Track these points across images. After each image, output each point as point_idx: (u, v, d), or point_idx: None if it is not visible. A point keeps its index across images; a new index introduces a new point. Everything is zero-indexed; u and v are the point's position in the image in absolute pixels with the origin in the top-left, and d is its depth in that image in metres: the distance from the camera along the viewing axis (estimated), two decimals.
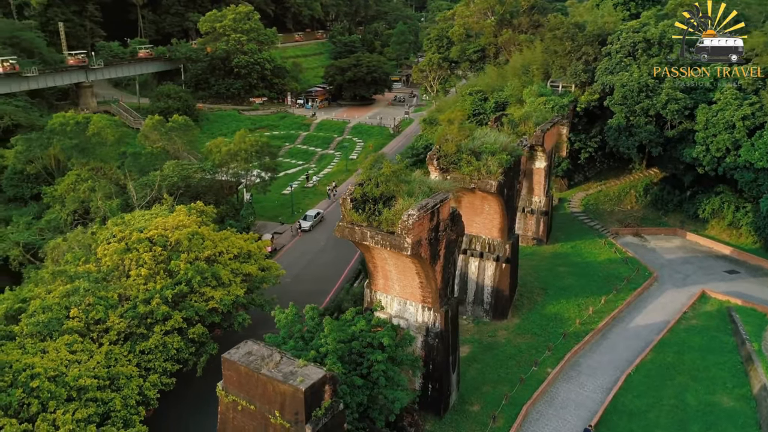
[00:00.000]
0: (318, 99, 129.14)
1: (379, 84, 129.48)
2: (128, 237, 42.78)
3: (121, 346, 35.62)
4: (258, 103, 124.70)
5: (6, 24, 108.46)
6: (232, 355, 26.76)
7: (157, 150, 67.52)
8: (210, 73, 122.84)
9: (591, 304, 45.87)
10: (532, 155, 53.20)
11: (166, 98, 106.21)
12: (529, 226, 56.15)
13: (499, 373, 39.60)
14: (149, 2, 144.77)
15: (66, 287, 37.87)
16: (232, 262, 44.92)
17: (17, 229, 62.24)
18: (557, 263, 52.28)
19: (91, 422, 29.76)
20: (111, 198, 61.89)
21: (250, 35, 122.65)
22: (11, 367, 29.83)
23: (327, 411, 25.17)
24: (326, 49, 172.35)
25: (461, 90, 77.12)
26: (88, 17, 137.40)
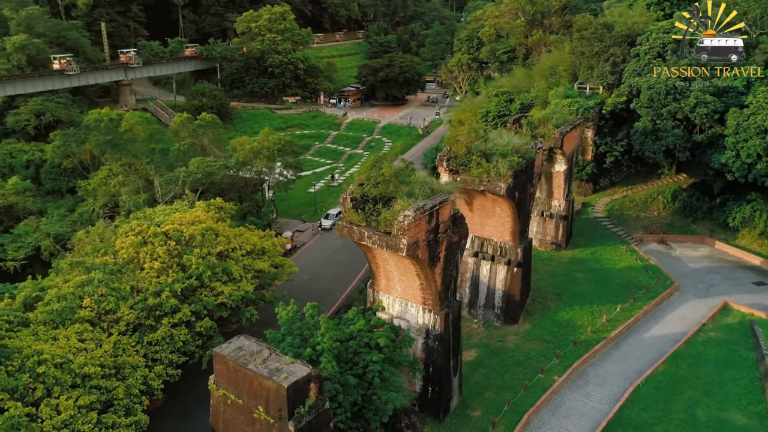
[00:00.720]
0: (350, 99, 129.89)
1: (411, 84, 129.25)
2: (145, 231, 43.98)
3: (130, 336, 36.63)
4: (291, 102, 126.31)
5: (53, 24, 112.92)
6: (223, 349, 27.25)
7: (185, 147, 69.13)
8: (245, 72, 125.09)
9: (605, 312, 44.65)
10: (552, 158, 52.17)
11: (200, 96, 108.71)
12: (548, 230, 55.05)
13: (504, 378, 38.99)
14: (190, 3, 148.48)
15: (81, 278, 39.21)
16: (245, 258, 45.61)
17: (51, 221, 64.88)
18: (574, 269, 51.08)
19: (93, 409, 30.73)
20: (139, 193, 63.90)
21: (285, 35, 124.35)
22: (21, 353, 31.07)
23: (311, 409, 25.30)
24: (362, 49, 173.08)
25: (488, 91, 76.26)
26: (132, 17, 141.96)
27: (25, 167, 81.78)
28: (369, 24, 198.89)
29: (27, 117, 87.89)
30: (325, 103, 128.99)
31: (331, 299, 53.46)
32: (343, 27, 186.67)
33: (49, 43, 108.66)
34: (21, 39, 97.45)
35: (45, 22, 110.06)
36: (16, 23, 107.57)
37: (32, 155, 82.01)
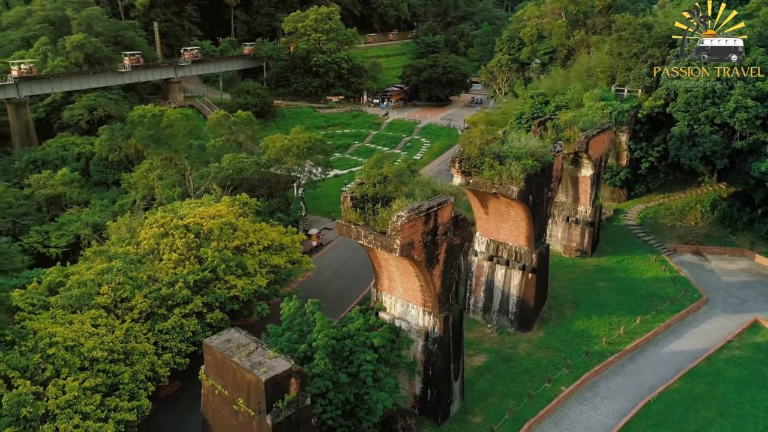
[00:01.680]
0: (393, 99, 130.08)
1: (455, 85, 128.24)
2: (168, 223, 45.51)
3: (142, 324, 38.00)
4: (334, 101, 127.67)
5: (111, 24, 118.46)
6: (212, 340, 27.94)
7: (220, 143, 71.06)
8: (290, 71, 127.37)
9: (624, 323, 42.97)
10: (578, 162, 50.64)
11: (245, 94, 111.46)
12: (574, 236, 53.44)
13: (510, 386, 38.18)
14: (242, 3, 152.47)
15: (102, 266, 41.07)
16: (262, 253, 46.42)
17: (93, 211, 68.06)
18: (597, 277, 49.40)
19: (98, 391, 32.08)
20: (174, 187, 66.21)
21: (330, 35, 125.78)
22: (35, 334, 32.83)
23: (290, 404, 25.56)
24: (410, 49, 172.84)
25: (523, 93, 74.75)
26: (187, 17, 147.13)
27: (75, 159, 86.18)
28: (419, 24, 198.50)
29: (80, 112, 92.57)
30: (368, 103, 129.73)
31: (349, 297, 53.77)
32: (393, 27, 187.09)
33: (107, 42, 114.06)
34: (79, 38, 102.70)
35: (103, 21, 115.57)
36: (78, 23, 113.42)
37: (83, 148, 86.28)
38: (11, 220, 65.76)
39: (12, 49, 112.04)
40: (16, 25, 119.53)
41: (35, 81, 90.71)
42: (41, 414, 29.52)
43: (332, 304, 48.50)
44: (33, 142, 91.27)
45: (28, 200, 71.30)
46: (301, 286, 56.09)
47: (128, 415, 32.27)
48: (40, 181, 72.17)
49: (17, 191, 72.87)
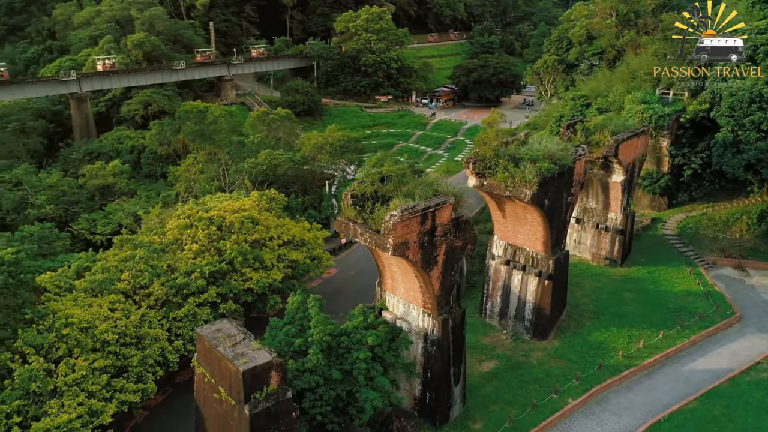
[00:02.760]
0: (442, 99, 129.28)
1: (505, 86, 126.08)
2: (194, 215, 47.13)
3: (158, 310, 39.52)
4: (383, 101, 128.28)
5: (171, 23, 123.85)
6: (203, 329, 28.70)
7: (258, 139, 72.84)
8: (340, 70, 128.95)
9: (645, 337, 40.92)
10: (608, 167, 48.66)
11: (294, 93, 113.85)
12: (603, 244, 51.37)
13: (515, 394, 37.18)
14: (298, 3, 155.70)
15: (126, 253, 43.04)
16: (281, 248, 47.27)
17: (138, 202, 71.31)
18: (623, 288, 47.27)
19: (106, 372, 33.69)
20: (213, 181, 68.51)
21: (380, 35, 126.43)
22: (54, 314, 34.77)
23: (269, 396, 25.91)
24: (464, 50, 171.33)
25: (565, 94, 72.53)
26: (245, 17, 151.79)
27: (129, 152, 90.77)
28: (476, 25, 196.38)
29: (136, 107, 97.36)
30: (416, 103, 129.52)
31: (370, 295, 53.55)
32: (448, 27, 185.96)
33: (167, 41, 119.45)
34: (139, 37, 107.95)
35: (164, 21, 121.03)
36: (141, 22, 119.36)
37: (136, 142, 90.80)
38: (63, 208, 69.90)
39: (81, 47, 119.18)
40: (86, 25, 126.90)
41: (96, 77, 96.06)
42: (50, 390, 31.28)
43: (353, 301, 48.53)
44: (92, 134, 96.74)
45: (80, 189, 75.56)
46: (324, 282, 56.96)
47: (132, 396, 33.74)
48: (92, 171, 76.31)
49: (72, 180, 77.37)
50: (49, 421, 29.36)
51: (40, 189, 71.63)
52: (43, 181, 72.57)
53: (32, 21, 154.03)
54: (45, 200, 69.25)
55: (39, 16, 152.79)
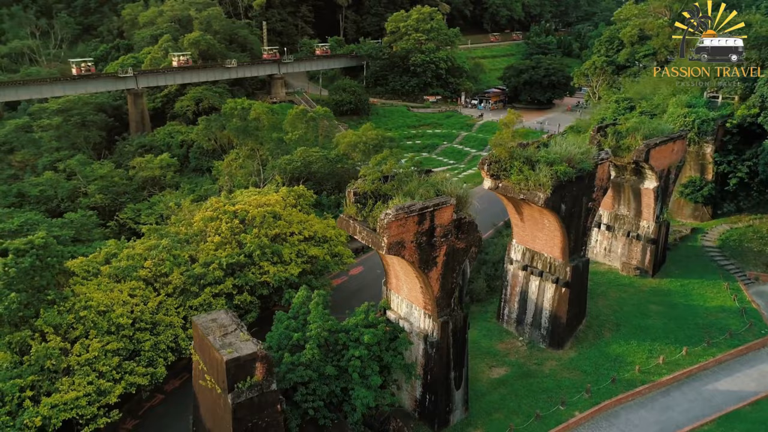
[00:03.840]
0: (491, 100, 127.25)
1: (557, 88, 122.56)
2: (220, 208, 48.51)
3: (175, 298, 40.99)
4: (431, 101, 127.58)
5: (227, 23, 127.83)
6: (200, 318, 29.54)
7: (296, 136, 74.07)
8: (389, 70, 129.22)
9: (666, 352, 38.87)
10: (640, 173, 46.52)
11: (341, 91, 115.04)
12: (634, 253, 49.12)
13: (522, 403, 36.21)
14: (353, 3, 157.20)
15: (152, 242, 44.84)
16: (302, 243, 47.93)
17: (181, 194, 74.09)
18: (651, 300, 45.03)
19: (118, 354, 35.22)
20: (251, 176, 70.32)
21: (431, 35, 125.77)
22: (76, 297, 36.66)
23: (253, 386, 26.37)
24: (520, 50, 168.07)
25: (608, 97, 69.80)
26: (301, 17, 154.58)
27: (179, 146, 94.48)
28: (534, 25, 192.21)
29: (188, 103, 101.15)
30: (465, 104, 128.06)
31: None
32: (504, 28, 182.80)
33: (223, 40, 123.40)
34: (195, 36, 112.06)
35: (221, 21, 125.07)
36: (199, 22, 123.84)
37: (186, 136, 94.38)
38: (112, 197, 73.59)
39: (143, 45, 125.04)
40: (150, 24, 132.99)
41: (151, 74, 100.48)
42: (63, 368, 33.04)
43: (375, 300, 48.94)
44: (147, 129, 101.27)
45: (130, 181, 79.33)
46: (349, 279, 57.31)
47: (141, 379, 35.12)
48: (141, 164, 79.91)
49: (122, 172, 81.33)
50: (58, 397, 31.00)
51: (92, 179, 75.72)
52: (95, 171, 76.62)
53: (104, 21, 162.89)
54: (95, 190, 73.18)
55: (110, 16, 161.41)
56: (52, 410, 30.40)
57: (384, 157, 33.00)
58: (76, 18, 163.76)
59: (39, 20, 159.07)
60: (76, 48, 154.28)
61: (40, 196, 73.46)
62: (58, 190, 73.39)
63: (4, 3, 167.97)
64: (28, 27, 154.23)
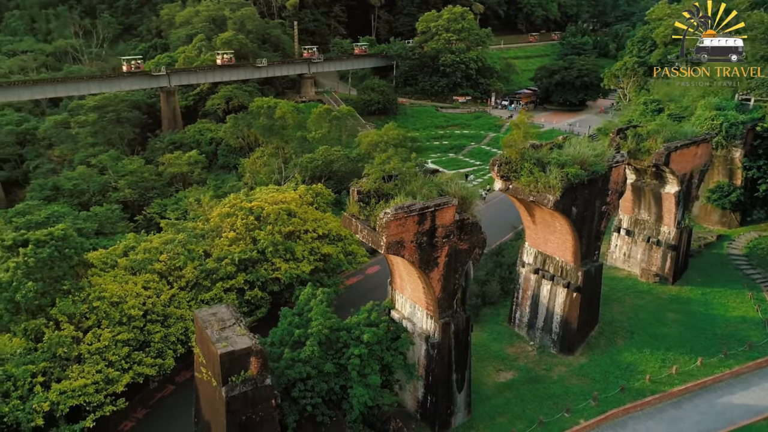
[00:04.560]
0: (522, 101, 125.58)
1: (589, 89, 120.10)
2: (238, 205, 49.29)
3: (187, 292, 41.82)
4: (460, 101, 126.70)
5: (260, 23, 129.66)
6: (201, 312, 30.06)
7: (319, 135, 74.63)
8: (419, 70, 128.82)
9: (680, 362, 37.65)
10: (661, 177, 45.20)
11: (369, 91, 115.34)
12: (654, 260, 47.73)
13: (526, 409, 35.66)
14: (386, 3, 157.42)
15: (168, 236, 45.87)
16: (315, 241, 48.27)
17: (205, 190, 75.58)
18: (669, 308, 43.68)
19: (128, 345, 36.16)
20: (274, 174, 71.24)
21: (461, 35, 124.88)
22: (91, 287, 37.82)
23: (247, 380, 26.68)
24: (554, 51, 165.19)
25: (636, 98, 67.97)
26: (334, 17, 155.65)
27: (208, 144, 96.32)
28: (569, 25, 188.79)
29: (218, 102, 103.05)
30: (495, 105, 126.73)
31: None
32: (540, 28, 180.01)
33: (255, 40, 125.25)
34: (227, 35, 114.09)
35: (254, 21, 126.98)
36: (233, 22, 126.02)
37: (215, 134, 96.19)
38: (140, 192, 75.61)
39: (178, 44, 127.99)
40: (186, 24, 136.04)
41: (183, 72, 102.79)
42: (75, 356, 34.13)
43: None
44: (179, 126, 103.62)
45: (159, 176, 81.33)
46: (365, 278, 57.42)
47: (149, 369, 35.98)
48: (170, 160, 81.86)
49: (152, 167, 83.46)
50: (67, 383, 32.04)
51: (123, 174, 77.96)
52: (125, 167, 78.86)
53: (144, 21, 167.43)
54: (125, 185, 75.34)
55: (150, 16, 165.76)
56: (61, 396, 31.45)
57: (389, 156, 33.02)
58: (117, 18, 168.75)
59: (83, 20, 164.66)
60: (117, 47, 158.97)
61: (74, 190, 75.97)
62: (90, 184, 75.79)
63: (51, 3, 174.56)
64: (72, 27, 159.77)
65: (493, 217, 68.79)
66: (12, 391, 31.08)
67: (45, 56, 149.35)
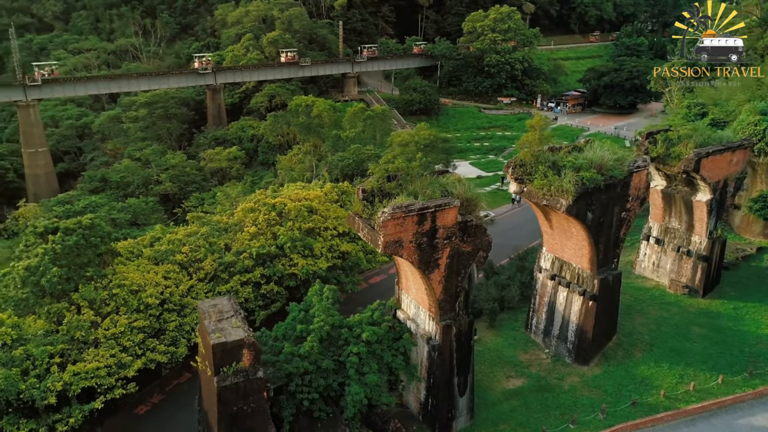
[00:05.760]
0: (569, 103, 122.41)
1: (639, 92, 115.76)
2: (261, 200, 50.36)
3: (206, 284, 43.04)
4: (505, 102, 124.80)
5: (307, 23, 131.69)
6: (204, 303, 30.86)
7: (352, 134, 75.21)
8: (463, 70, 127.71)
9: (699, 379, 35.79)
10: (692, 184, 43.13)
11: (411, 91, 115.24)
12: (684, 271, 45.55)
13: (531, 417, 34.78)
14: (435, 3, 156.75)
15: (193, 229, 47.34)
16: (335, 238, 48.72)
17: (242, 185, 77.67)
18: (695, 322, 41.58)
19: (143, 332, 37.55)
20: (306, 171, 72.38)
21: (507, 35, 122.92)
22: (115, 275, 39.49)
23: (238, 372, 27.22)
24: (608, 52, 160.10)
25: (680, 101, 65.01)
26: (382, 17, 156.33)
27: (249, 140, 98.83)
28: (627, 25, 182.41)
29: (262, 100, 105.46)
30: (541, 107, 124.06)
31: None
32: (594, 28, 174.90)
33: (302, 39, 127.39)
34: (273, 35, 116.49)
35: (301, 21, 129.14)
36: (281, 22, 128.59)
37: (257, 131, 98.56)
38: (180, 186, 78.43)
39: (228, 43, 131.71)
40: (237, 24, 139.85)
41: (229, 71, 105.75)
42: (91, 339, 35.73)
43: None
44: (223, 123, 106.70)
45: (199, 171, 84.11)
46: (388, 277, 57.42)
47: (161, 356, 37.24)
48: (210, 156, 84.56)
49: (194, 162, 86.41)
50: (81, 365, 33.58)
51: (165, 168, 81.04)
52: (168, 161, 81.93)
53: (200, 21, 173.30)
54: (166, 178, 78.29)
55: (205, 16, 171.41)
56: (74, 377, 32.99)
57: (394, 155, 32.85)
58: (175, 18, 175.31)
59: (144, 20, 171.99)
60: (174, 46, 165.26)
61: (120, 182, 79.63)
62: (134, 177, 79.18)
63: (115, 4, 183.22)
64: (133, 26, 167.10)
65: (524, 221, 67.60)
66: (30, 370, 32.82)
67: (107, 54, 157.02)
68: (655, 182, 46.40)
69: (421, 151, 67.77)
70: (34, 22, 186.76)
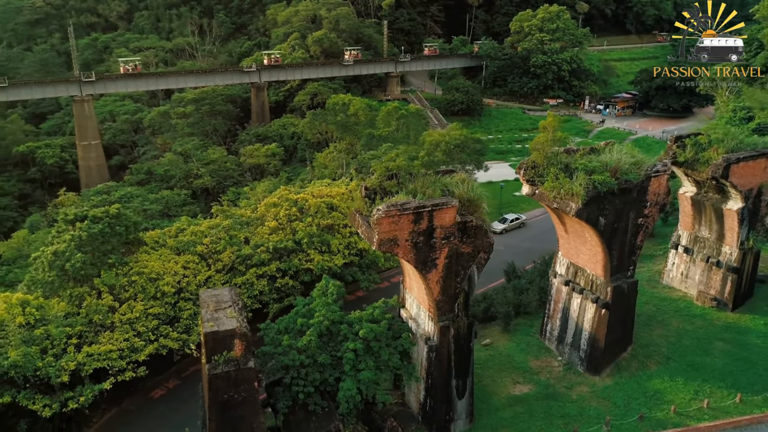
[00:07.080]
0: (618, 106, 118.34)
1: (695, 95, 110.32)
2: (284, 196, 51.32)
3: (223, 275, 44.23)
4: (550, 104, 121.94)
5: (353, 22, 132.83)
6: (206, 293, 31.75)
7: (385, 133, 75.37)
8: (508, 70, 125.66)
9: (715, 396, 33.97)
10: (723, 191, 40.99)
11: (453, 91, 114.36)
12: (712, 282, 43.30)
13: (533, 425, 34.02)
14: (484, 3, 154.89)
15: (216, 221, 48.74)
16: (354, 236, 49.04)
17: (277, 182, 79.13)
18: (719, 336, 39.45)
19: (158, 318, 39.00)
20: (339, 169, 73.16)
21: (556, 35, 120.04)
22: (137, 262, 41.19)
23: (229, 361, 27.83)
24: (665, 53, 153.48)
25: (727, 105, 61.73)
26: (430, 17, 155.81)
27: (290, 138, 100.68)
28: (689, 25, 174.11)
29: (304, 98, 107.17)
30: (588, 109, 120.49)
31: None
32: (651, 28, 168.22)
33: (348, 39, 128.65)
34: (319, 34, 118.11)
35: (348, 20, 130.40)
36: (328, 21, 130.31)
37: (297, 129, 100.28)
38: (218, 180, 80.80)
39: (276, 42, 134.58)
40: (286, 23, 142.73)
41: (273, 69, 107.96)
42: (108, 323, 37.42)
43: None
44: (266, 120, 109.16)
45: (238, 167, 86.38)
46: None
47: (173, 343, 38.51)
48: (249, 152, 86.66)
49: (234, 158, 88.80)
50: (96, 347, 35.25)
51: (206, 163, 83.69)
52: (208, 156, 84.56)
53: (254, 20, 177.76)
54: (206, 172, 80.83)
55: (258, 16, 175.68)
56: (88, 358, 34.65)
57: (397, 153, 32.67)
58: (231, 17, 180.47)
59: (201, 19, 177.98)
60: (228, 45, 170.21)
61: (164, 175, 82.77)
62: (176, 171, 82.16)
63: (175, 4, 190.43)
64: (190, 26, 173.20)
65: (551, 225, 65.89)
66: (49, 349, 34.70)
67: (165, 53, 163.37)
68: (685, 188, 44.43)
69: (452, 150, 67.30)
70: (101, 21, 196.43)
